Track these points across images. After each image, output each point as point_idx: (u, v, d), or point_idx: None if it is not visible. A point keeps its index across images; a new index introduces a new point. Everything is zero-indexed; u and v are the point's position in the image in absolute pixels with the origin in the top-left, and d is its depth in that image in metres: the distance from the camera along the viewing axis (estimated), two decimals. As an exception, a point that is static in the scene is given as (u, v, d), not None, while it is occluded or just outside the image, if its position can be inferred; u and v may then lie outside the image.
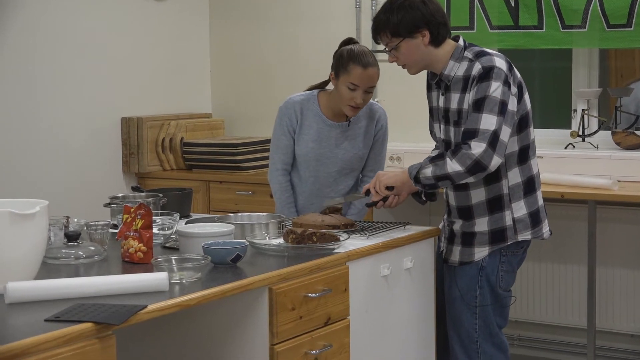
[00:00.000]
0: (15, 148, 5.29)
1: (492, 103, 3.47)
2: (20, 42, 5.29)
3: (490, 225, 3.64)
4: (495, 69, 3.51)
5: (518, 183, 3.64)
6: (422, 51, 3.60)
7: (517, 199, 3.64)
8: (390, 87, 5.74)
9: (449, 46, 3.63)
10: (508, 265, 3.71)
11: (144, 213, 3.22)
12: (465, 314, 3.72)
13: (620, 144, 5.14)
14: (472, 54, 3.59)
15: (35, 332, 2.35)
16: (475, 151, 3.44)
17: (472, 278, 3.68)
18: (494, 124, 3.45)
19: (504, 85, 3.50)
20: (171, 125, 5.96)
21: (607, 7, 5.04)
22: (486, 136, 3.44)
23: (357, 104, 3.97)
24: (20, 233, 2.70)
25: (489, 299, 3.69)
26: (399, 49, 3.61)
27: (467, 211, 3.68)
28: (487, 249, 3.66)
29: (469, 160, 3.44)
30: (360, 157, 4.14)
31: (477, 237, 3.67)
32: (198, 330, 3.21)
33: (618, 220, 5.15)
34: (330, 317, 3.26)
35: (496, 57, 3.56)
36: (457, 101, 3.59)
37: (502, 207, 3.63)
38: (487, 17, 5.36)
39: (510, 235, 3.65)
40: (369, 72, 3.94)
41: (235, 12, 6.32)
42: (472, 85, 3.52)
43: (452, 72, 3.61)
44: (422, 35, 3.58)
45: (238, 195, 5.62)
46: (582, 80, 5.44)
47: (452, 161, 3.47)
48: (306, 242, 3.32)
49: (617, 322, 5.20)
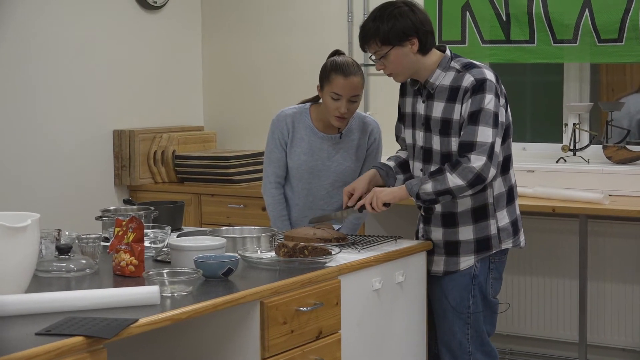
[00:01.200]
0: (6, 160, 5.28)
1: (487, 115, 3.53)
2: (11, 53, 5.29)
3: (475, 234, 3.69)
4: (487, 82, 3.56)
5: (502, 192, 3.71)
6: (410, 59, 3.63)
7: (500, 208, 3.71)
8: (382, 100, 5.75)
9: (435, 55, 3.67)
10: (496, 272, 3.77)
11: (136, 226, 3.22)
12: (457, 324, 3.74)
13: (612, 158, 5.15)
14: (459, 65, 3.64)
15: (26, 345, 2.34)
16: (476, 165, 3.48)
17: (465, 287, 3.71)
18: (490, 136, 3.51)
19: (495, 98, 3.56)
20: (163, 138, 5.96)
21: (599, 22, 5.06)
22: (485, 149, 3.49)
23: (342, 114, 3.98)
24: (12, 246, 2.70)
25: (480, 307, 3.73)
26: (388, 57, 3.63)
27: (451, 218, 3.71)
28: (473, 258, 3.70)
29: (470, 174, 3.49)
30: (353, 170, 4.14)
31: (461, 246, 3.71)
32: (189, 344, 3.20)
33: (609, 235, 5.16)
34: (321, 331, 3.26)
35: (485, 70, 3.61)
36: (441, 110, 3.63)
37: (487, 216, 3.69)
38: (478, 31, 5.38)
39: (495, 244, 3.71)
40: (351, 81, 3.96)
41: (227, 24, 6.32)
42: (465, 97, 3.56)
43: (437, 81, 3.65)
44: (411, 44, 3.61)
45: (230, 208, 5.62)
46: (574, 95, 5.45)
47: (452, 175, 3.50)
48: (298, 256, 3.32)
49: (608, 336, 5.20)
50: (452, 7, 5.42)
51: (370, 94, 5.81)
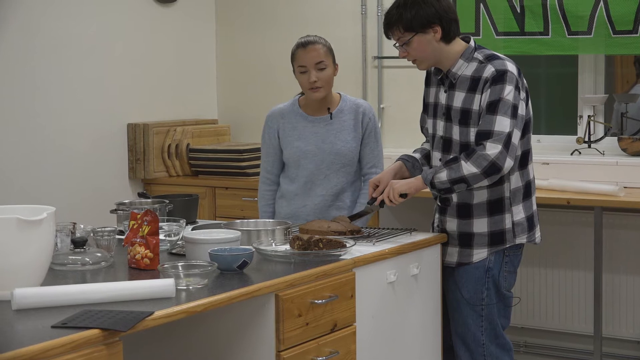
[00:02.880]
0: (22, 154, 5.29)
1: (506, 106, 3.53)
2: (26, 47, 5.30)
3: (489, 227, 3.69)
4: (508, 73, 3.57)
5: (519, 187, 3.70)
6: (434, 47, 3.64)
7: (517, 202, 3.70)
8: (396, 93, 5.75)
9: (459, 45, 3.69)
10: (511, 265, 3.76)
11: (151, 219, 3.22)
12: (471, 316, 3.74)
13: (627, 150, 5.13)
14: (482, 56, 3.66)
15: (42, 338, 2.35)
16: (490, 152, 3.49)
17: (478, 280, 3.71)
18: (508, 126, 3.52)
19: (515, 90, 3.57)
20: (177, 131, 5.97)
21: (613, 13, 5.04)
22: (501, 138, 3.50)
23: (312, 83, 4.03)
24: (27, 239, 2.71)
25: (494, 299, 3.73)
26: (411, 44, 3.64)
27: (466, 209, 3.71)
28: (486, 251, 3.70)
29: (484, 162, 3.49)
30: (349, 150, 4.13)
31: (475, 238, 3.71)
32: (204, 337, 3.21)
33: (624, 227, 5.14)
34: (336, 323, 3.26)
35: (507, 62, 3.62)
36: (461, 100, 3.65)
37: (502, 210, 3.68)
38: (493, 23, 5.36)
39: (509, 238, 3.70)
40: (310, 49, 4.03)
41: (241, 18, 6.32)
42: (485, 87, 3.57)
43: (459, 71, 3.67)
44: (434, 31, 3.63)
45: (244, 201, 5.62)
46: (588, 87, 5.43)
47: (467, 163, 3.51)
48: (312, 249, 3.32)
49: (623, 329, 5.19)
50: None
51: (385, 86, 5.81)
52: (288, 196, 4.19)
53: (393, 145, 5.59)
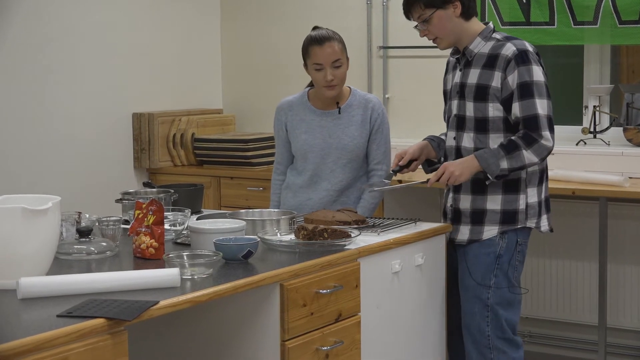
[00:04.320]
0: (27, 144, 5.30)
1: (540, 87, 3.62)
2: (31, 36, 5.30)
3: (503, 205, 3.71)
4: (530, 53, 3.65)
5: (535, 170, 3.74)
6: (454, 23, 3.69)
7: (532, 185, 3.73)
8: (402, 83, 5.74)
9: (477, 24, 3.75)
10: (521, 255, 3.78)
11: (156, 209, 3.22)
12: (478, 305, 3.73)
13: (632, 140, 5.13)
14: (500, 36, 3.73)
15: (48, 327, 2.36)
16: (549, 143, 3.60)
17: (489, 265, 3.72)
18: (546, 108, 3.62)
19: (540, 67, 3.66)
20: (182, 121, 5.97)
21: (619, 3, 5.02)
22: (546, 122, 3.60)
23: (329, 81, 4.01)
24: (33, 229, 2.72)
25: (502, 285, 3.72)
26: (431, 21, 3.68)
27: (481, 185, 3.72)
28: (497, 229, 3.71)
29: (545, 152, 3.61)
30: (356, 146, 4.10)
31: (487, 215, 3.73)
32: (209, 326, 3.21)
33: (629, 217, 5.13)
34: (341, 313, 3.26)
35: (527, 43, 3.70)
36: (477, 76, 3.69)
37: (517, 190, 3.71)
38: (498, 13, 5.35)
39: (521, 219, 3.72)
40: (327, 47, 4.00)
41: (246, 7, 6.32)
42: (508, 66, 3.62)
43: (476, 49, 3.72)
44: (454, 7, 3.68)
45: (249, 191, 5.62)
46: (594, 77, 5.43)
47: (528, 152, 3.59)
48: (317, 239, 3.32)
49: (628, 319, 5.19)
50: (471, -11, 5.40)
51: (390, 76, 5.80)
52: (293, 188, 4.18)
53: (398, 135, 5.58)
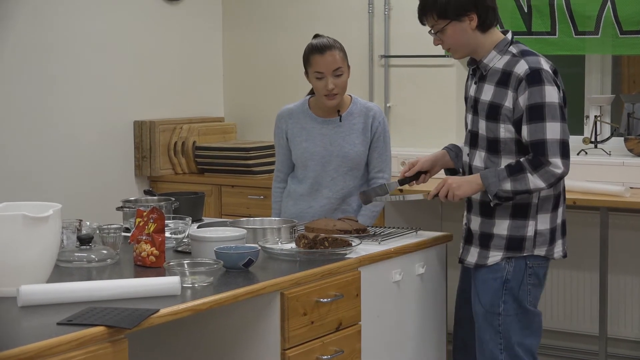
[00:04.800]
0: (28, 151, 5.30)
1: (553, 109, 3.39)
2: (33, 44, 5.30)
3: (510, 231, 3.47)
4: (544, 71, 3.40)
5: (549, 196, 3.50)
6: (469, 35, 3.46)
7: (545, 211, 3.49)
8: (403, 92, 5.75)
9: (495, 36, 3.50)
10: (535, 278, 3.52)
11: (157, 217, 3.22)
12: (489, 331, 3.51)
13: (633, 150, 5.13)
14: (516, 50, 3.47)
15: (48, 335, 2.36)
16: (557, 169, 3.35)
17: (496, 291, 3.49)
18: (559, 132, 3.39)
19: (555, 88, 3.42)
20: (183, 128, 5.97)
21: (621, 14, 5.03)
22: (558, 148, 3.37)
23: (330, 90, 4.00)
24: (34, 236, 2.72)
25: (512, 312, 3.48)
26: (445, 32, 3.46)
27: (489, 208, 3.49)
28: (501, 255, 3.47)
29: (552, 178, 3.37)
30: (356, 154, 4.09)
31: (494, 240, 3.49)
32: (210, 335, 3.21)
33: (630, 227, 5.13)
34: (341, 322, 3.26)
35: (542, 59, 3.45)
36: (491, 93, 3.45)
37: (526, 216, 3.47)
38: (499, 22, 5.35)
39: (527, 247, 3.48)
40: (328, 56, 3.99)
41: (248, 15, 6.32)
42: (519, 85, 3.38)
43: (491, 63, 3.47)
44: (469, 19, 3.43)
45: (250, 199, 5.62)
46: (595, 87, 5.43)
47: (534, 176, 3.35)
48: (318, 247, 3.32)
49: (629, 330, 5.18)
50: (473, -1, 5.40)
51: (391, 85, 5.81)
52: (294, 196, 4.18)
53: (399, 144, 5.58)
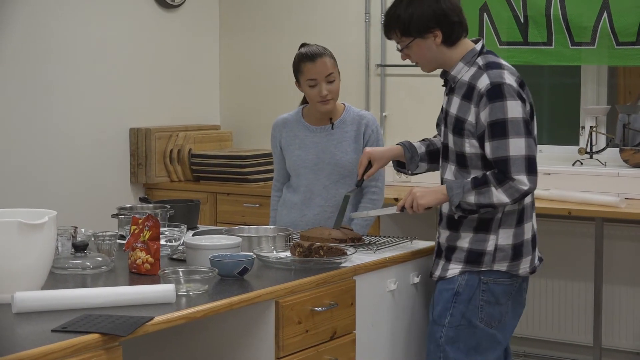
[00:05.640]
0: (24, 157, 5.30)
1: (516, 124, 3.25)
2: (30, 51, 5.31)
3: (471, 244, 3.39)
4: (505, 86, 3.27)
5: (513, 210, 3.37)
6: (434, 51, 3.38)
7: (507, 226, 3.37)
8: (399, 101, 5.75)
9: (464, 47, 3.41)
10: (490, 295, 3.40)
11: (152, 224, 3.22)
12: (432, 342, 3.47)
13: (628, 161, 5.14)
14: (482, 62, 3.36)
15: (42, 342, 2.35)
16: (523, 186, 3.24)
17: (446, 302, 3.42)
18: (524, 148, 3.25)
19: (518, 101, 3.28)
20: (179, 136, 5.97)
21: (617, 25, 5.05)
22: (522, 165, 3.24)
23: (323, 96, 4.00)
24: (29, 243, 2.71)
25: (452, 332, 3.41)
26: (410, 49, 3.40)
27: (455, 222, 3.42)
28: (459, 268, 3.40)
29: (517, 194, 3.25)
30: (349, 161, 4.07)
31: (456, 252, 3.42)
32: (204, 343, 3.21)
33: (625, 238, 5.14)
34: (336, 331, 3.26)
35: (506, 73, 3.33)
36: (457, 107, 3.37)
37: (488, 230, 3.37)
38: (496, 32, 5.37)
39: (486, 261, 3.38)
40: (319, 62, 3.99)
41: (245, 23, 6.33)
42: (480, 101, 3.28)
43: (459, 75, 3.39)
44: (434, 36, 3.36)
45: (245, 207, 5.62)
46: (591, 97, 5.44)
47: (498, 191, 3.25)
48: (313, 256, 3.32)
49: (623, 340, 5.18)
50: (469, 8, 5.42)
51: (387, 94, 5.81)
52: (288, 205, 4.18)
53: (395, 153, 5.59)
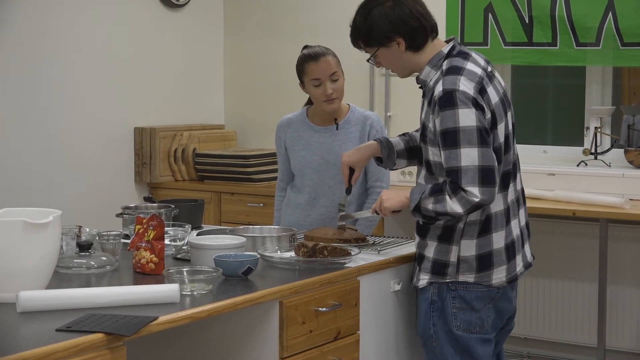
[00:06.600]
0: (28, 157, 5.30)
1: (468, 134, 3.09)
2: (34, 50, 5.31)
3: (435, 254, 3.30)
4: (457, 93, 3.11)
5: (475, 220, 3.23)
6: (402, 57, 3.29)
7: (469, 237, 3.24)
8: (403, 101, 5.75)
9: (433, 50, 3.29)
10: (461, 301, 3.30)
11: (156, 224, 3.22)
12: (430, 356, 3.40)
13: (633, 162, 5.13)
14: (446, 66, 3.22)
15: (47, 341, 2.35)
16: (472, 197, 3.09)
17: (425, 313, 3.36)
18: (476, 158, 3.09)
19: (472, 109, 3.11)
20: (184, 135, 5.98)
21: (622, 25, 5.04)
22: (475, 176, 3.09)
23: (328, 95, 4.00)
24: (33, 242, 2.71)
25: (443, 339, 3.34)
26: (378, 57, 3.34)
27: (423, 229, 3.33)
28: (427, 279, 3.32)
29: (468, 205, 3.11)
30: None
31: (424, 262, 3.34)
32: (208, 343, 3.21)
33: (629, 239, 5.13)
34: (340, 331, 3.26)
35: (463, 79, 3.15)
36: (424, 113, 3.28)
37: (450, 240, 3.26)
38: (501, 33, 5.37)
39: (450, 272, 3.27)
40: (323, 62, 4.00)
41: (249, 23, 6.33)
42: (434, 108, 3.16)
43: (427, 78, 3.28)
44: (397, 43, 3.26)
45: (249, 207, 5.63)
46: (596, 98, 5.44)
47: (452, 200, 3.12)
48: (317, 256, 3.32)
49: (627, 341, 5.18)
50: (474, 9, 5.42)
51: (392, 94, 5.81)
52: (293, 205, 4.18)
53: (399, 153, 5.59)
